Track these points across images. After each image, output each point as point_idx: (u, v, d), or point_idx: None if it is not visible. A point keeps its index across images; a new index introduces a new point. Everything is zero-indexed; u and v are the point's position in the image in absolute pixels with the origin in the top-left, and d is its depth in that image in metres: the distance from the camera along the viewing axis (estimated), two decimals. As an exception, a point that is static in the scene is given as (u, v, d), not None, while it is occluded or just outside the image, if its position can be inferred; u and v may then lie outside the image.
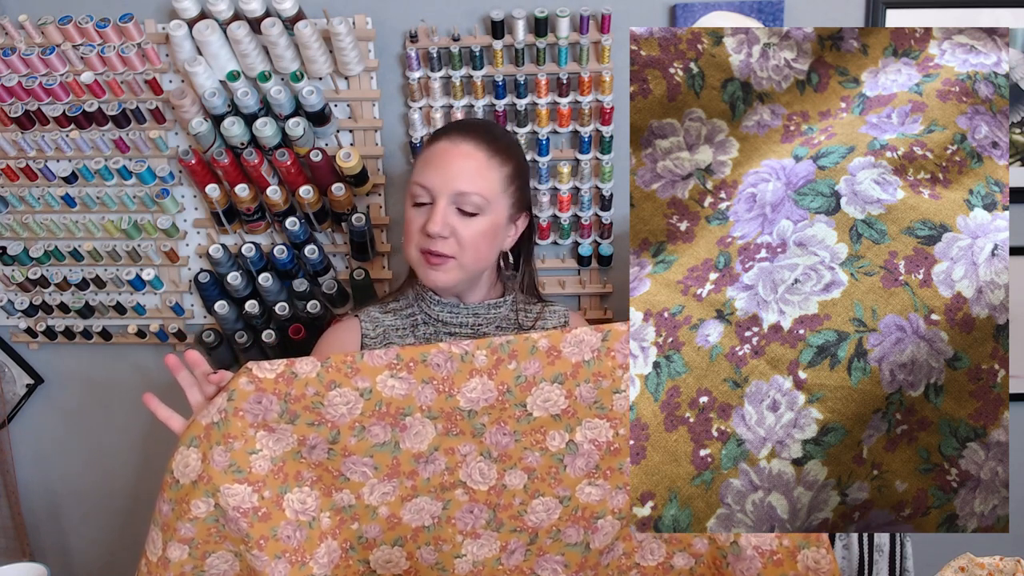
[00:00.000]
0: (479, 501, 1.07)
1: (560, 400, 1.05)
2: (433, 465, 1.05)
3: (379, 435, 1.02)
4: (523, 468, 1.07)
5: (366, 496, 1.04)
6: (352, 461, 1.02)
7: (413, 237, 1.22)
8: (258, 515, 0.99)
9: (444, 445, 1.04)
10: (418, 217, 1.21)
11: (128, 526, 1.89)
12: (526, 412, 1.05)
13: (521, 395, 1.04)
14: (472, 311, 1.28)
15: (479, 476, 1.06)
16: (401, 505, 1.05)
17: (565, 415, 1.06)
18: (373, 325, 1.29)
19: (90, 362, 1.80)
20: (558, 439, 1.07)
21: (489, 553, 1.08)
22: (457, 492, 1.06)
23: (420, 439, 1.03)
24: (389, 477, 1.04)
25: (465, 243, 1.20)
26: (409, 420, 1.02)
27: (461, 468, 1.06)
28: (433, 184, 1.20)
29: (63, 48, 1.56)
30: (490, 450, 1.06)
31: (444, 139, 1.23)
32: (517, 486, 1.07)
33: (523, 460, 1.07)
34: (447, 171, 1.20)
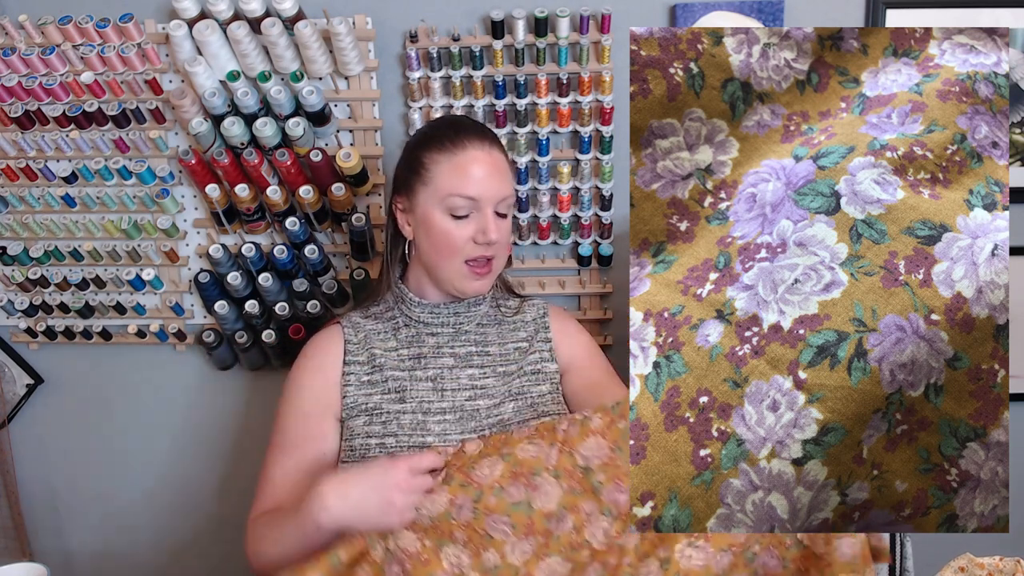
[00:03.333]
0: (596, 560, 1.05)
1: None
2: (563, 524, 1.06)
3: (514, 495, 1.06)
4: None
5: (508, 555, 1.05)
6: (492, 519, 1.06)
7: (459, 249, 1.22)
8: (420, 559, 1.03)
9: (570, 503, 1.06)
10: (463, 228, 1.22)
11: (128, 526, 1.89)
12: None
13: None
14: (452, 310, 1.29)
15: (602, 536, 1.05)
16: (536, 564, 1.05)
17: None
18: (355, 330, 1.30)
19: (90, 362, 1.80)
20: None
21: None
22: (583, 553, 1.05)
23: (549, 498, 1.06)
24: (526, 535, 1.05)
25: (503, 244, 1.25)
26: (538, 480, 1.07)
27: (586, 528, 1.06)
28: (482, 196, 1.21)
29: (63, 48, 1.56)
30: (610, 508, 1.06)
31: (471, 146, 1.23)
32: (628, 545, 1.05)
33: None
34: (490, 181, 1.22)
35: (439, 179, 1.22)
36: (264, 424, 1.80)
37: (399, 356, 1.28)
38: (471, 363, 1.29)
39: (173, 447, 1.84)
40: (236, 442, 1.83)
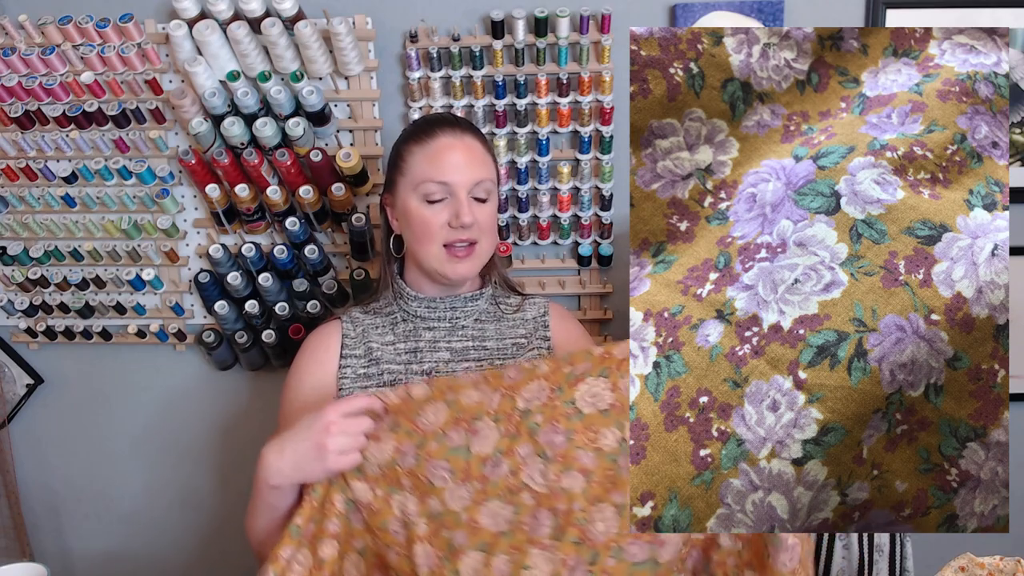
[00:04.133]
0: (543, 505, 1.05)
1: (606, 394, 1.06)
2: (497, 468, 1.06)
3: (455, 439, 1.07)
4: (579, 469, 1.05)
5: (448, 501, 1.06)
6: (433, 465, 1.06)
7: (436, 234, 1.24)
8: (372, 509, 1.06)
9: (505, 447, 1.06)
10: (439, 213, 1.24)
11: (128, 526, 1.89)
12: (576, 409, 1.06)
13: (569, 392, 1.06)
14: (449, 304, 1.30)
15: (540, 478, 1.05)
16: (478, 510, 1.06)
17: (613, 410, 1.05)
18: (353, 325, 1.32)
19: (90, 362, 1.80)
20: (610, 437, 1.05)
21: (551, 569, 1.03)
22: (524, 496, 1.05)
23: (486, 442, 1.07)
24: (463, 480, 1.06)
25: (484, 229, 1.25)
26: (479, 424, 1.07)
27: (523, 471, 1.06)
28: (452, 179, 1.23)
29: (63, 48, 1.56)
30: (544, 450, 1.06)
31: (441, 134, 1.26)
32: (575, 489, 1.04)
33: (578, 460, 1.05)
34: (461, 164, 1.24)
35: (413, 168, 1.26)
36: (264, 424, 1.81)
37: (396, 350, 1.29)
38: (467, 357, 1.29)
39: (173, 447, 1.84)
40: (236, 442, 1.83)
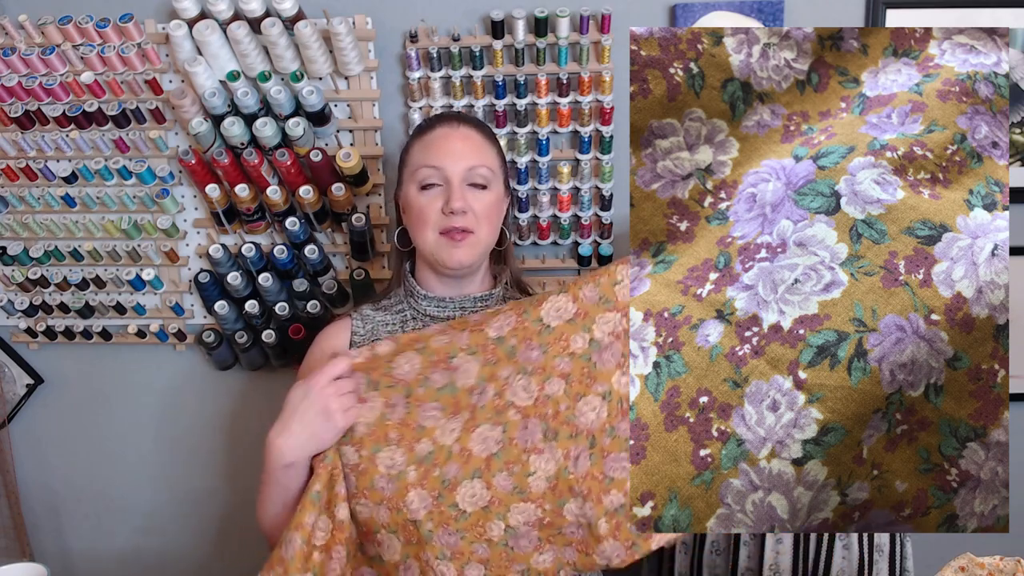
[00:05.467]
0: (530, 415, 1.12)
1: (569, 306, 1.14)
2: (484, 395, 1.13)
3: (438, 380, 1.14)
4: (558, 375, 1.13)
5: (439, 438, 1.12)
6: (423, 409, 1.13)
7: (430, 220, 1.25)
8: (359, 470, 1.11)
9: (488, 373, 1.13)
10: (433, 200, 1.25)
11: (128, 526, 1.89)
12: (544, 325, 1.14)
13: (535, 312, 1.14)
14: (459, 304, 1.30)
15: (523, 392, 1.13)
16: (468, 437, 1.12)
17: (578, 317, 1.14)
18: (363, 323, 1.32)
19: (90, 362, 1.80)
20: (580, 340, 1.14)
21: (556, 465, 1.12)
22: (510, 413, 1.13)
23: (468, 374, 1.13)
24: (454, 414, 1.13)
25: (480, 216, 1.26)
26: (456, 360, 1.13)
27: (507, 390, 1.13)
28: (444, 163, 1.24)
29: (63, 48, 1.56)
30: (524, 367, 1.13)
31: (439, 126, 1.28)
32: (558, 392, 1.13)
33: (556, 368, 1.13)
34: (454, 150, 1.25)
35: (412, 158, 1.28)
36: (264, 424, 1.80)
37: None
38: None
39: (173, 447, 1.84)
40: (236, 442, 1.83)
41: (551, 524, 1.12)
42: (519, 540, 1.12)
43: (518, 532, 1.12)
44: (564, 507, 1.12)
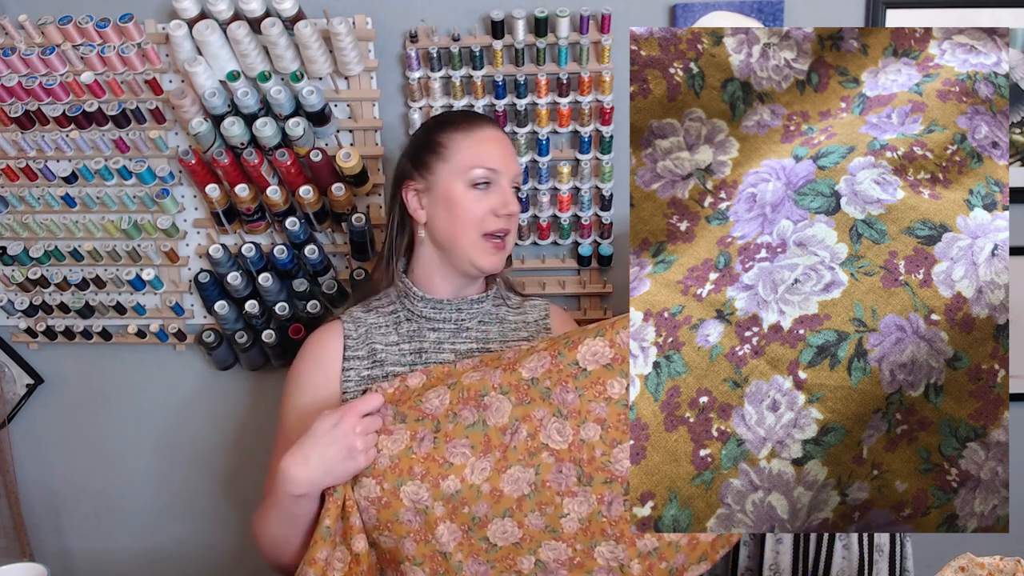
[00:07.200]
0: (564, 459, 1.11)
1: (606, 350, 1.13)
2: (517, 435, 1.12)
3: (468, 417, 1.13)
4: (594, 420, 1.12)
5: (468, 476, 1.11)
6: (452, 445, 1.12)
7: (477, 220, 1.25)
8: (381, 503, 1.10)
9: (521, 414, 1.12)
10: (484, 200, 1.25)
11: (128, 526, 1.89)
12: (580, 368, 1.13)
13: (571, 355, 1.13)
14: (455, 306, 1.29)
15: (557, 435, 1.12)
16: (499, 478, 1.11)
17: (615, 362, 1.13)
18: (355, 325, 1.30)
19: (90, 362, 1.80)
20: (617, 386, 1.12)
21: (589, 508, 1.11)
22: (544, 455, 1.12)
23: (501, 413, 1.13)
24: (484, 453, 1.12)
25: (517, 222, 1.30)
26: (487, 399, 1.13)
27: (541, 432, 1.12)
28: (502, 167, 1.26)
29: (63, 48, 1.56)
30: (559, 409, 1.12)
31: (485, 127, 1.30)
32: (593, 438, 1.11)
33: (592, 412, 1.12)
34: (507, 155, 1.28)
35: (459, 154, 1.26)
36: (264, 424, 1.81)
37: (400, 350, 1.28)
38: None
39: (173, 447, 1.84)
40: (236, 442, 1.83)
41: (581, 565, 1.12)
42: (548, 575, 1.12)
43: (548, 567, 1.12)
44: (595, 549, 1.11)
